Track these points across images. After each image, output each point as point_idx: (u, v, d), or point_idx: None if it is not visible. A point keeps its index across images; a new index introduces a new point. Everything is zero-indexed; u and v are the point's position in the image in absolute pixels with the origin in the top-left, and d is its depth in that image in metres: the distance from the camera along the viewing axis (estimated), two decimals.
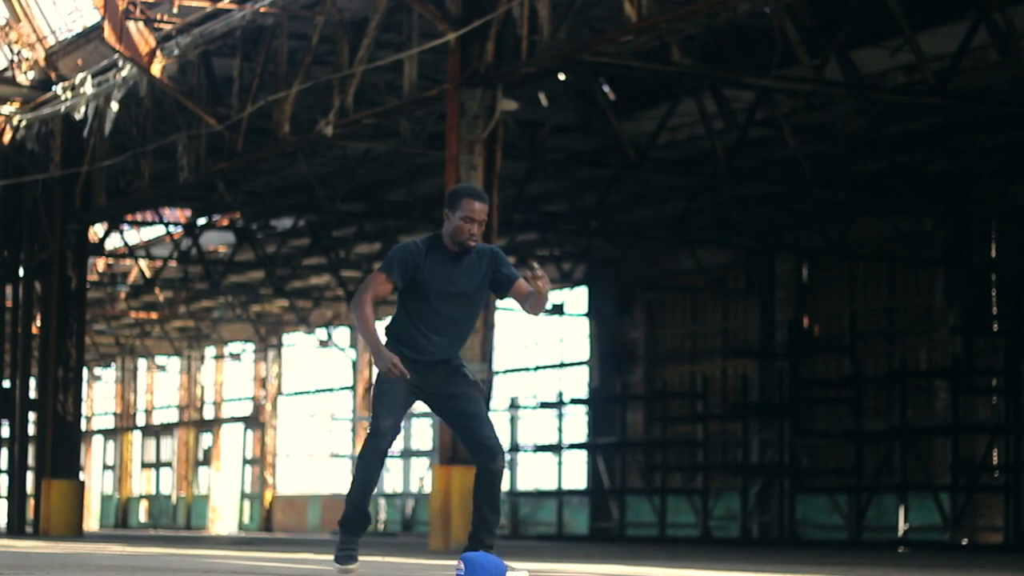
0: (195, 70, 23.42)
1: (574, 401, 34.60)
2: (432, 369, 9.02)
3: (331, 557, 9.74)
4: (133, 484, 54.04)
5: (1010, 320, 26.48)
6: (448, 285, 8.98)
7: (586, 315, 35.30)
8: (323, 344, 44.00)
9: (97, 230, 31.01)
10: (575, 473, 35.34)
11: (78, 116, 24.64)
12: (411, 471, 40.20)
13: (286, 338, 46.67)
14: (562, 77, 21.53)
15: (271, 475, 46.72)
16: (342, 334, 43.98)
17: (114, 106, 23.58)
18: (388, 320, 9.36)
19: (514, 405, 36.67)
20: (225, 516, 48.80)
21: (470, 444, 9.07)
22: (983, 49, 19.87)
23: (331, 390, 45.11)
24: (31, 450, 29.51)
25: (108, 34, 22.15)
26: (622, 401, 33.29)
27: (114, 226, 31.53)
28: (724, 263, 31.84)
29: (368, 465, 9.01)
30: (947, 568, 14.37)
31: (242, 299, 43.04)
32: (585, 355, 35.64)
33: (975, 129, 23.83)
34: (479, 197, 8.92)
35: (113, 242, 35.18)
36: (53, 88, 25.87)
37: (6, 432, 29.90)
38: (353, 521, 9.13)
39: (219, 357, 49.89)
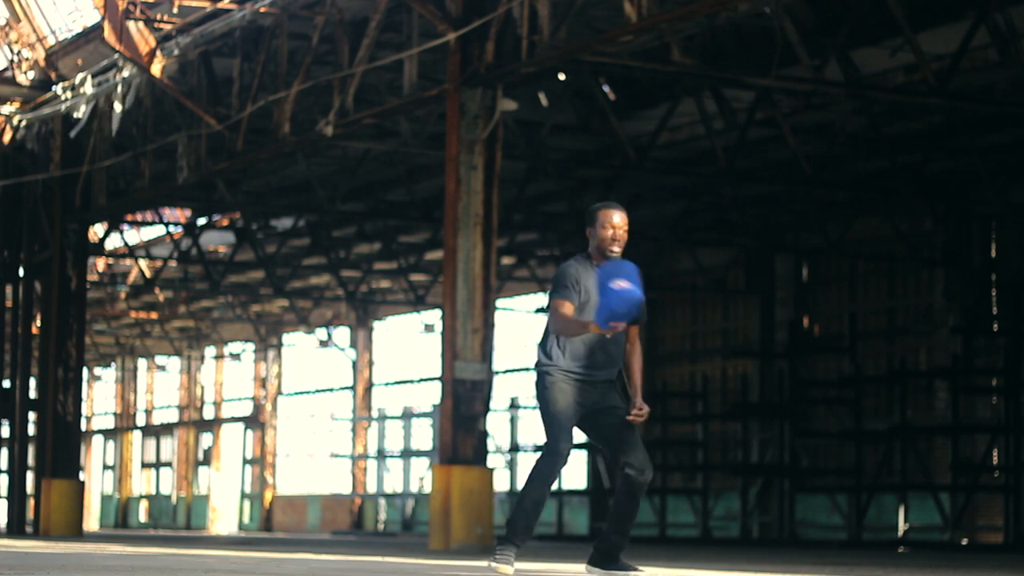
0: (195, 70, 23.42)
1: None
2: (592, 387, 9.15)
3: (331, 557, 9.74)
4: (133, 484, 54.05)
5: (1010, 320, 26.48)
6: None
7: None
8: (323, 344, 43.99)
9: (97, 230, 31.01)
10: (575, 473, 35.34)
11: (78, 116, 24.64)
12: (411, 471, 40.19)
13: (286, 338, 46.67)
14: (562, 77, 21.53)
15: (271, 475, 46.72)
16: (342, 334, 43.99)
17: (117, 107, 23.56)
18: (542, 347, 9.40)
19: (514, 405, 36.66)
20: (225, 516, 48.80)
21: (620, 455, 9.17)
22: (983, 49, 19.88)
23: (331, 390, 45.10)
24: (31, 450, 29.52)
25: (108, 34, 22.15)
26: None
27: (114, 226, 31.52)
28: (724, 263, 31.84)
29: (544, 485, 9.11)
30: (947, 568, 14.37)
31: (242, 299, 43.05)
32: None
33: (975, 129, 23.84)
34: (615, 206, 9.18)
35: (113, 242, 35.18)
36: (53, 88, 25.87)
37: (6, 432, 29.90)
38: (519, 537, 9.18)
39: (219, 357, 49.89)
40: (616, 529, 9.24)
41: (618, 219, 9.10)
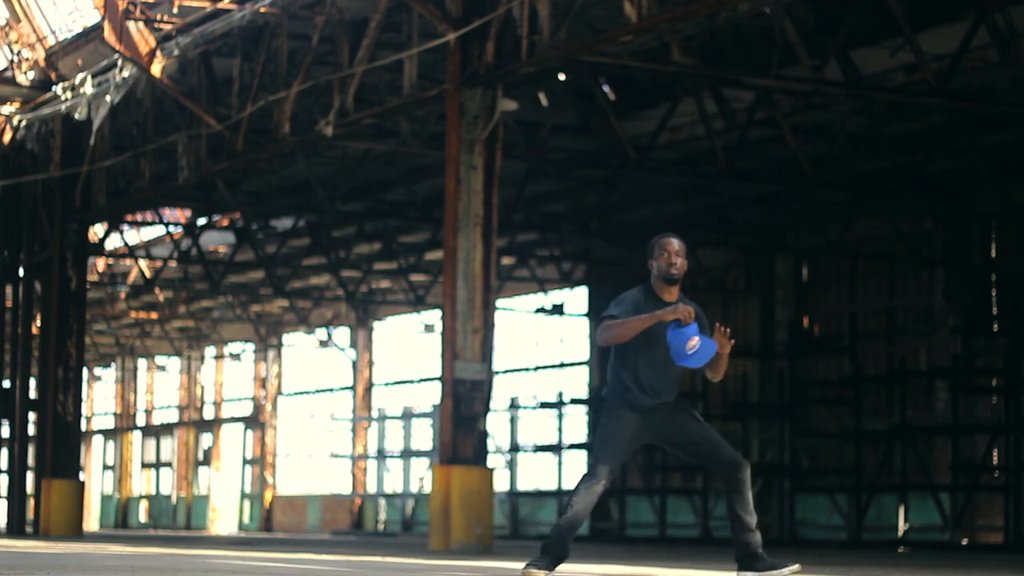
0: (195, 70, 23.42)
1: (574, 401, 34.59)
2: (654, 411, 9.49)
3: (331, 557, 9.75)
4: (133, 484, 54.04)
5: (1010, 320, 26.47)
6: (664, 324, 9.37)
7: (586, 315, 35.29)
8: (323, 344, 43.99)
9: (97, 230, 31.01)
10: (575, 473, 35.32)
11: (78, 116, 24.64)
12: (411, 471, 40.18)
13: (286, 338, 46.66)
14: (562, 77, 21.53)
15: (271, 475, 46.72)
16: (342, 334, 43.98)
17: (107, 100, 23.54)
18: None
19: (514, 405, 36.65)
20: (225, 516, 48.79)
21: (712, 464, 9.67)
22: (983, 49, 19.88)
23: (331, 390, 45.10)
24: (31, 450, 29.51)
25: (108, 34, 22.15)
26: None
27: (114, 226, 31.53)
28: (724, 263, 31.83)
29: (578, 504, 9.35)
30: (947, 568, 14.37)
31: (242, 299, 43.04)
32: (585, 355, 35.63)
33: (975, 129, 23.84)
34: (672, 235, 9.53)
35: (113, 242, 35.17)
36: (53, 88, 25.86)
37: (6, 432, 29.90)
38: (551, 551, 9.41)
39: (219, 357, 49.88)
40: (743, 528, 9.58)
41: (675, 246, 9.45)
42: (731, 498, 9.60)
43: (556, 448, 34.87)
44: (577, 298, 36.08)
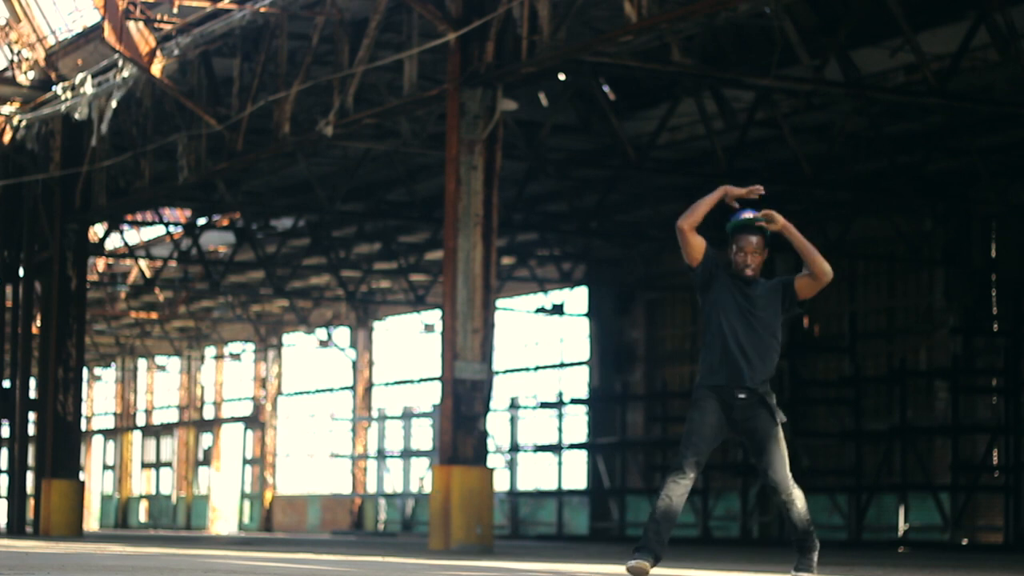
0: (195, 70, 23.42)
1: (574, 401, 34.60)
2: (735, 401, 9.37)
3: (331, 557, 9.75)
4: (133, 484, 54.04)
5: (1010, 320, 26.48)
6: (743, 304, 9.41)
7: (586, 315, 35.29)
8: (323, 344, 43.99)
9: (97, 230, 31.00)
10: (575, 473, 35.34)
11: (78, 116, 24.64)
12: (411, 471, 40.19)
13: (286, 338, 46.66)
14: (562, 77, 21.53)
15: (271, 475, 46.71)
16: (342, 334, 43.99)
17: (112, 104, 23.56)
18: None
19: (514, 405, 36.65)
20: (225, 516, 48.79)
21: (761, 477, 9.67)
22: (983, 49, 19.88)
23: (331, 390, 45.10)
24: (31, 450, 29.51)
25: (108, 34, 22.15)
26: (622, 401, 33.28)
27: (114, 226, 31.52)
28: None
29: (666, 497, 9.26)
30: (947, 568, 14.37)
31: (242, 299, 43.04)
32: (585, 355, 35.62)
33: (975, 129, 23.84)
34: (752, 231, 9.55)
35: (113, 242, 35.17)
36: (53, 88, 25.87)
37: (6, 432, 29.90)
38: (651, 547, 9.23)
39: (219, 357, 49.88)
40: (791, 536, 9.64)
41: (754, 244, 9.61)
42: (782, 511, 9.63)
43: (556, 448, 34.87)
44: (577, 298, 36.08)
